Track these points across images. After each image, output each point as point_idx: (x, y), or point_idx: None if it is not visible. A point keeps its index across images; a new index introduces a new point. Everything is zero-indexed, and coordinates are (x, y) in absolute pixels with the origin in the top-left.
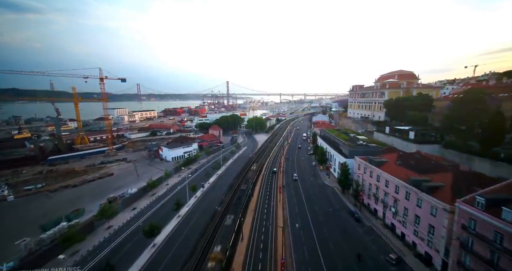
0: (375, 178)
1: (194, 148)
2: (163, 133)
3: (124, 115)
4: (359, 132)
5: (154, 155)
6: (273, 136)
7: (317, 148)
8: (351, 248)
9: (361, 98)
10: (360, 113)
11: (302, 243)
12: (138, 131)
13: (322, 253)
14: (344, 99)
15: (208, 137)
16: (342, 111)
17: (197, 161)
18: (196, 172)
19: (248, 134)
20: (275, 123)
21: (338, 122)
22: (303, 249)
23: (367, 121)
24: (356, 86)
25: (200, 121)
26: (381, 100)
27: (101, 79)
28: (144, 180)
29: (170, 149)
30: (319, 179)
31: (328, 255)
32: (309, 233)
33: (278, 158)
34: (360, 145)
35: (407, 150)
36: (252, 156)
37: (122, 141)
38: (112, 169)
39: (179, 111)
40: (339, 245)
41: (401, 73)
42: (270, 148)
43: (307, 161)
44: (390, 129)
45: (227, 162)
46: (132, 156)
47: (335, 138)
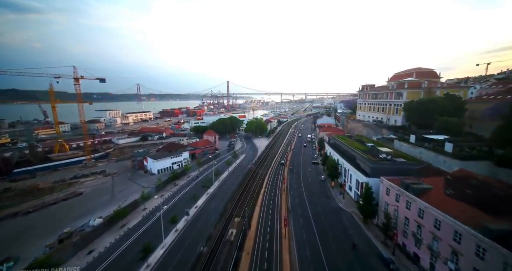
0: (416, 212)
1: (184, 157)
2: (155, 137)
3: (117, 117)
4: (375, 140)
5: (138, 167)
6: (274, 141)
7: (326, 159)
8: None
9: (373, 99)
10: (371, 116)
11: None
12: (128, 136)
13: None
14: (350, 100)
15: (202, 144)
16: (349, 113)
17: (187, 174)
18: (183, 190)
19: (247, 139)
20: (276, 125)
21: (346, 125)
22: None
23: (382, 126)
24: (367, 86)
25: (196, 124)
26: (399, 102)
27: (76, 79)
28: (119, 201)
29: (155, 160)
30: (331, 200)
31: None
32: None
33: (280, 169)
34: (385, 160)
35: (444, 168)
36: (251, 167)
37: (108, 148)
38: (85, 185)
39: (177, 112)
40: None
41: (420, 71)
42: (272, 156)
43: (314, 173)
44: (417, 138)
45: (221, 175)
46: (114, 167)
47: (348, 147)
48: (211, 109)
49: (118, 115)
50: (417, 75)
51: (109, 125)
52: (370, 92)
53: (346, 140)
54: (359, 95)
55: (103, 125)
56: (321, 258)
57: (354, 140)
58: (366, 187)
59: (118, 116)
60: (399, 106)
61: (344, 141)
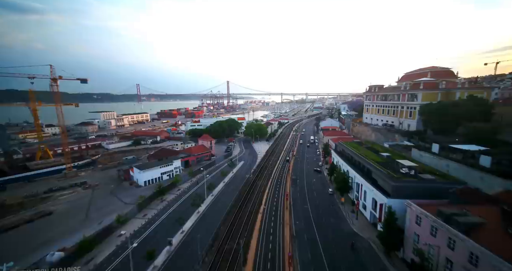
0: (465, 255)
1: (176, 166)
2: (148, 141)
3: (111, 119)
4: (388, 148)
5: (123, 177)
6: (275, 146)
7: (333, 169)
8: None
9: (382, 101)
10: (380, 120)
11: None
12: (119, 140)
13: None
14: (354, 101)
15: (196, 150)
16: (354, 115)
17: (177, 186)
18: (170, 208)
19: (246, 143)
20: (277, 127)
21: (352, 129)
22: None
23: (393, 131)
24: (374, 87)
25: (192, 127)
26: (413, 104)
27: (53, 79)
28: (94, 223)
29: (141, 171)
30: (343, 222)
31: None
32: None
33: (282, 179)
34: (408, 177)
35: (482, 187)
36: (250, 177)
37: (96, 154)
38: (58, 201)
39: (175, 114)
40: None
41: (435, 70)
42: (273, 163)
43: (320, 185)
44: (442, 148)
45: (215, 188)
46: (98, 177)
47: (360, 157)
48: (210, 110)
49: (113, 117)
50: (432, 75)
51: (103, 127)
52: (379, 93)
53: (356, 148)
54: (366, 96)
55: (96, 127)
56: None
57: (365, 148)
58: (389, 213)
59: (112, 118)
60: (413, 109)
61: (355, 149)
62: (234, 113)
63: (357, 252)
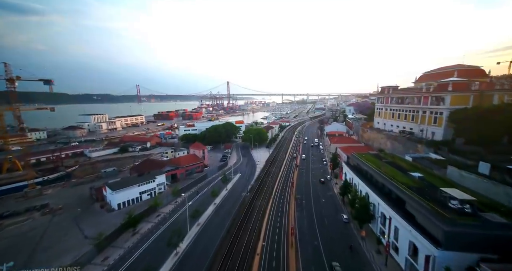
0: None
1: (160, 182)
2: (137, 148)
3: (102, 123)
4: (413, 162)
5: (96, 197)
6: (276, 153)
7: (347, 189)
8: None
9: (398, 105)
10: (396, 125)
11: None
12: (105, 147)
13: None
14: (361, 103)
15: (186, 160)
16: (363, 119)
17: (157, 210)
18: (140, 248)
19: (244, 149)
20: (277, 131)
21: (362, 135)
22: None
23: (414, 140)
24: (388, 88)
25: (186, 132)
26: (438, 109)
27: (9, 80)
28: None
29: (114, 192)
30: (367, 268)
31: None
32: None
33: (285, 199)
34: (469, 219)
35: None
36: (247, 196)
37: (75, 164)
38: (5, 232)
39: (172, 116)
40: None
41: (462, 69)
42: (274, 175)
43: (331, 208)
44: (493, 168)
45: (202, 215)
46: (66, 196)
47: (384, 178)
48: (209, 111)
49: (104, 120)
50: (459, 74)
51: (93, 130)
52: (394, 95)
53: (375, 163)
54: (378, 98)
55: (84, 131)
56: None
57: (386, 163)
58: None
59: (103, 121)
60: (438, 114)
61: (374, 165)
62: (233, 115)
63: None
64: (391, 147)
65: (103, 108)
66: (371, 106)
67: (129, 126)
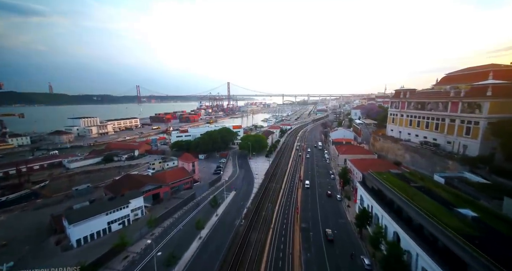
0: None
1: (136, 206)
2: (123, 157)
3: (92, 126)
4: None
5: (55, 228)
6: (277, 164)
7: (365, 219)
8: None
9: (417, 111)
10: (415, 134)
11: None
12: (87, 156)
13: None
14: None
15: (173, 175)
16: (373, 125)
17: (126, 249)
18: None
19: (242, 158)
20: (278, 137)
21: (373, 143)
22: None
23: (442, 154)
24: (405, 91)
25: (179, 138)
26: (475, 117)
27: None
28: None
29: (71, 226)
30: None
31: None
32: None
33: (288, 229)
34: None
35: None
36: (241, 225)
37: (48, 177)
38: None
39: (168, 118)
40: None
41: (500, 69)
42: (274, 193)
43: (347, 243)
44: None
45: (182, 257)
46: (21, 224)
47: (423, 217)
48: (208, 113)
49: (95, 123)
50: (495, 76)
51: (83, 135)
52: (412, 99)
53: (401, 188)
54: (392, 103)
55: (72, 136)
56: None
57: (415, 187)
58: None
59: (94, 125)
60: (473, 124)
61: (402, 193)
62: (233, 117)
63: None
64: (411, 161)
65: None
66: (380, 110)
67: (123, 129)
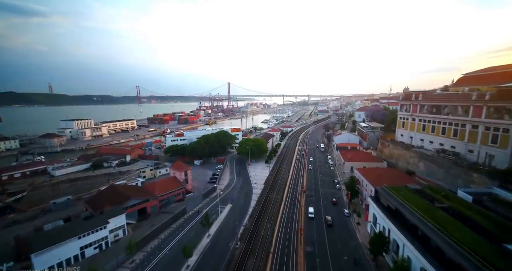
0: None
1: (116, 225)
2: (113, 163)
3: (86, 129)
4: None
5: (19, 253)
6: (277, 171)
7: (381, 246)
8: None
9: (432, 115)
10: (429, 141)
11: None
12: (75, 162)
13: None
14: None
15: (163, 186)
16: (379, 128)
17: None
18: None
19: (240, 164)
20: (278, 140)
21: (382, 149)
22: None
23: (464, 164)
24: (417, 93)
25: (174, 142)
26: (500, 124)
27: None
28: None
29: (33, 256)
30: None
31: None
32: None
33: (291, 253)
34: None
35: None
36: (236, 248)
37: (27, 187)
38: None
39: (167, 119)
40: None
41: None
42: (275, 205)
43: None
44: None
45: None
46: None
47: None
48: (208, 114)
49: (89, 126)
50: None
51: (76, 137)
52: (426, 102)
53: (425, 209)
54: (402, 106)
55: (63, 139)
56: None
57: (441, 208)
58: None
59: (87, 127)
60: (501, 131)
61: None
62: (233, 118)
63: None
64: (425, 170)
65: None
66: (386, 112)
67: (118, 131)
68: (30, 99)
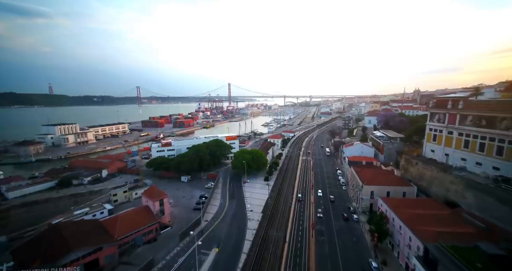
0: None
1: None
2: (85, 180)
3: (69, 135)
4: None
5: None
6: (278, 191)
7: None
8: None
9: (480, 129)
10: (475, 162)
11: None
12: (39, 180)
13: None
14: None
15: (128, 223)
16: (399, 139)
17: None
18: None
19: (234, 181)
20: (280, 147)
21: (407, 168)
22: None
23: None
24: (454, 100)
25: (160, 152)
26: None
27: None
28: None
29: None
30: None
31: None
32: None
33: None
34: None
35: None
36: None
37: None
38: None
39: (161, 122)
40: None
41: None
42: (275, 253)
43: None
44: None
45: None
46: None
47: None
48: (206, 116)
49: (73, 131)
50: None
51: (58, 144)
52: (469, 112)
53: None
54: (432, 114)
55: (41, 147)
56: None
57: None
58: None
59: (71, 133)
60: None
61: None
62: (232, 120)
63: None
64: (475, 204)
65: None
66: (402, 119)
67: (108, 136)
68: (30, 99)
